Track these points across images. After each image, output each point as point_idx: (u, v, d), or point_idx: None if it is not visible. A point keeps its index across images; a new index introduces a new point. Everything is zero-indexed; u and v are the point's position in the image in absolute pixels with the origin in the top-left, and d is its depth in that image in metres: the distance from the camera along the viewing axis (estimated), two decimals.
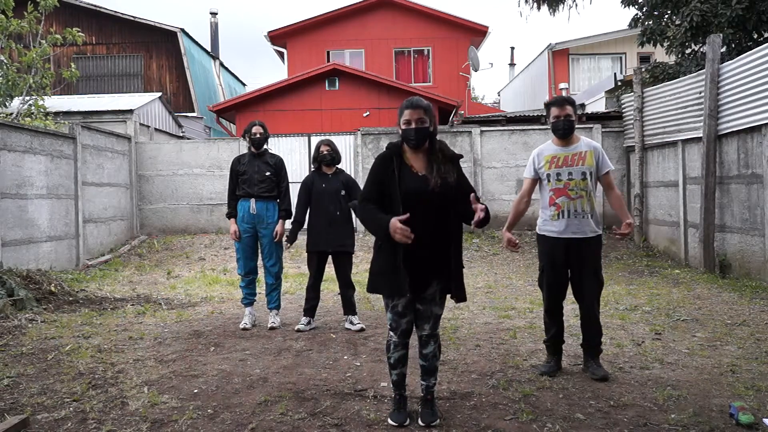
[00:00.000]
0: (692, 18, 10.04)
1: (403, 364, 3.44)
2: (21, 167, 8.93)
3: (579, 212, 4.11)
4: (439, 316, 3.42)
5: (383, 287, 3.32)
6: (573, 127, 4.16)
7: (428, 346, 3.41)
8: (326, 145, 5.80)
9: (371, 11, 19.04)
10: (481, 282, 8.56)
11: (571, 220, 4.11)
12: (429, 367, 3.43)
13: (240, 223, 5.78)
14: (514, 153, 12.41)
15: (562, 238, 4.13)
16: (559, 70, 19.60)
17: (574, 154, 4.15)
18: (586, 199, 4.12)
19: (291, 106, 14.76)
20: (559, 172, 4.15)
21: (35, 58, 11.56)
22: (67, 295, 7.36)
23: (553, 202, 4.16)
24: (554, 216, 4.15)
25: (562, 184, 4.14)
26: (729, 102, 8.31)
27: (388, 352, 3.43)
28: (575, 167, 4.13)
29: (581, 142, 4.21)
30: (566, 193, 4.12)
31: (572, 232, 4.12)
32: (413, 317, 3.38)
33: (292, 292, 7.88)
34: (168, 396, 3.90)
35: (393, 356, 3.41)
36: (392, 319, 3.37)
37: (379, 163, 3.33)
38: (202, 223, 13.01)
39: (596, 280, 4.21)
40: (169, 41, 18.55)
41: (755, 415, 3.35)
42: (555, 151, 4.21)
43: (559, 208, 4.14)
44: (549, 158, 4.20)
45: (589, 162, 4.14)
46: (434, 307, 3.37)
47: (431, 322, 3.38)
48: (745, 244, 8.06)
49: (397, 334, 3.37)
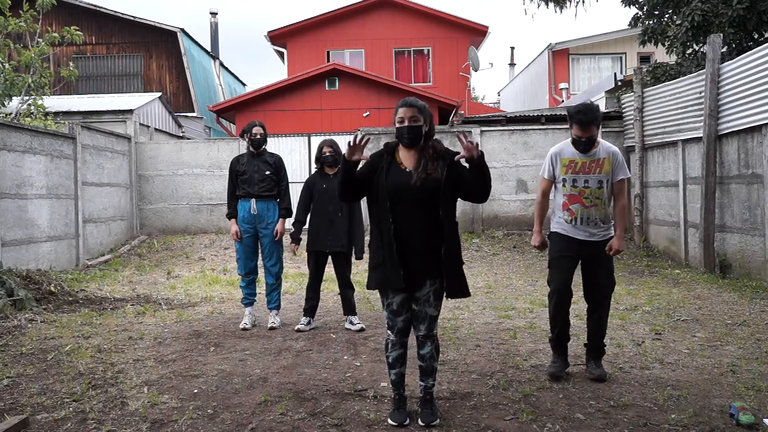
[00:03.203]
0: (693, 17, 10.04)
1: (402, 363, 3.46)
2: (21, 167, 8.93)
3: (592, 220, 4.07)
4: (435, 317, 3.40)
5: (374, 280, 3.38)
6: (594, 144, 4.08)
7: (425, 346, 3.41)
8: (329, 146, 5.79)
9: (371, 11, 19.04)
10: (481, 282, 8.56)
11: (584, 227, 4.08)
12: (426, 368, 3.42)
13: (240, 223, 5.77)
14: (514, 153, 12.41)
15: (576, 239, 4.10)
16: (559, 70, 19.60)
17: (592, 161, 4.07)
18: (600, 206, 4.08)
19: (291, 106, 14.76)
20: (575, 179, 4.09)
21: (33, 58, 11.56)
22: (67, 295, 7.36)
23: (567, 207, 4.11)
24: (568, 220, 4.12)
25: (577, 191, 4.08)
26: (729, 102, 8.31)
27: (386, 351, 3.47)
28: (592, 175, 4.07)
29: (600, 148, 4.11)
30: (581, 200, 4.07)
31: (586, 236, 4.09)
32: (410, 316, 3.40)
33: (292, 292, 7.88)
34: (168, 396, 3.90)
35: (391, 355, 3.45)
36: (388, 318, 3.42)
37: (371, 156, 3.40)
38: (202, 223, 13.01)
39: (609, 281, 4.15)
40: (169, 41, 18.55)
41: (755, 415, 3.35)
42: (574, 155, 4.12)
43: (572, 215, 4.09)
44: (567, 162, 4.12)
45: (606, 169, 4.07)
46: (428, 308, 3.36)
47: (426, 323, 3.38)
48: (745, 244, 8.06)
49: (393, 333, 3.41)
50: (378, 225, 3.34)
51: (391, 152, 3.41)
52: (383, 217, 3.29)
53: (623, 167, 4.13)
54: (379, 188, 3.31)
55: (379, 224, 3.33)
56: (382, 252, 3.29)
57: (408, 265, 3.27)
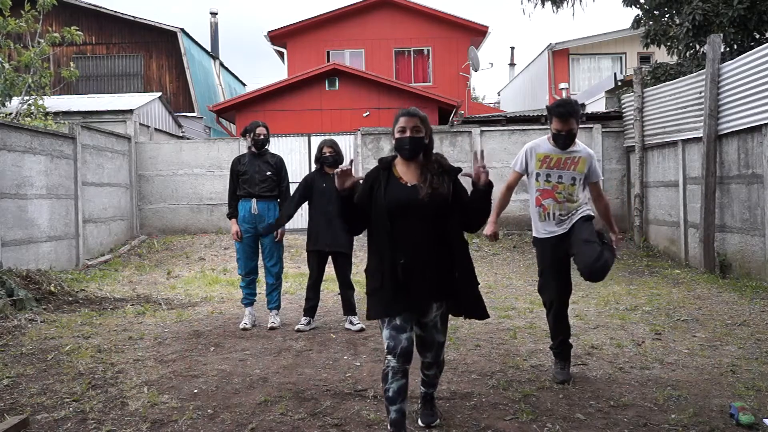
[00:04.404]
0: (694, 17, 10.04)
1: (404, 398, 2.94)
2: (21, 167, 8.93)
3: (564, 215, 4.06)
4: (442, 343, 3.16)
5: (374, 309, 3.00)
6: (574, 140, 4.06)
7: (431, 368, 3.25)
8: (329, 147, 5.78)
9: (371, 11, 19.04)
10: (481, 282, 8.49)
11: (556, 221, 4.07)
12: (430, 382, 3.35)
13: (241, 223, 5.78)
14: (514, 153, 12.33)
15: (555, 236, 4.08)
16: (559, 70, 19.60)
17: (568, 158, 4.05)
18: (572, 203, 4.06)
19: (291, 106, 14.76)
20: (549, 173, 4.06)
21: (34, 58, 11.56)
22: (67, 295, 7.36)
23: (540, 203, 4.10)
24: (541, 216, 4.11)
25: (550, 185, 4.06)
26: (729, 102, 8.31)
27: (384, 383, 2.92)
28: (566, 171, 4.05)
29: (578, 146, 4.11)
30: (553, 195, 4.06)
31: (562, 229, 4.07)
32: (413, 336, 3.00)
33: (292, 292, 7.88)
34: (168, 396, 3.90)
35: (391, 387, 2.90)
36: (390, 336, 2.92)
37: (366, 176, 3.10)
38: (202, 223, 13.01)
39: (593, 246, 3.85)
40: (169, 41, 18.55)
41: (755, 416, 3.35)
42: (549, 151, 4.09)
43: (545, 210, 4.08)
44: (542, 156, 4.08)
45: (581, 168, 4.05)
46: (436, 333, 3.09)
47: (434, 350, 3.14)
48: (745, 244, 8.06)
49: (396, 357, 2.90)
50: (377, 245, 3.03)
51: (387, 167, 3.10)
52: (383, 236, 2.98)
53: (597, 170, 4.15)
54: (377, 205, 3.01)
55: (378, 244, 3.02)
56: (381, 276, 2.95)
57: (412, 288, 2.94)
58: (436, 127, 12.87)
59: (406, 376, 2.94)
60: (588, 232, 3.97)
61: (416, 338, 3.09)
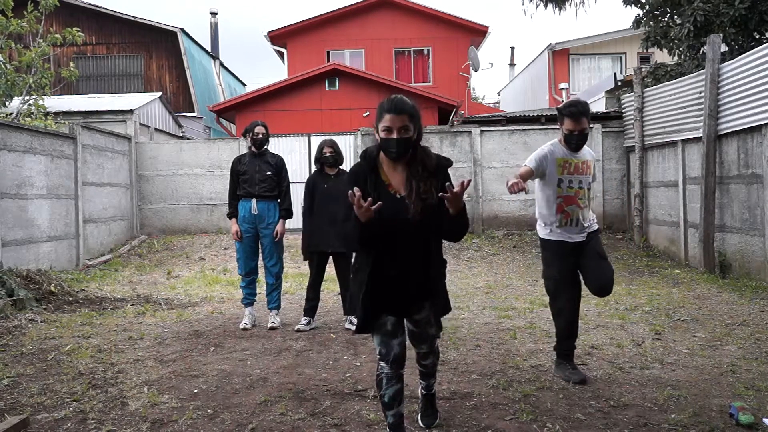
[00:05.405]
0: (695, 17, 10.03)
1: (400, 401, 2.94)
2: (21, 167, 8.93)
3: (583, 220, 4.06)
4: (435, 336, 3.11)
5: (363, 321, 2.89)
6: (586, 140, 4.05)
7: (428, 358, 3.23)
8: (329, 147, 5.78)
9: (371, 11, 19.05)
10: (481, 282, 8.56)
11: (579, 228, 4.05)
12: (428, 372, 3.32)
13: (241, 223, 5.78)
14: (514, 153, 12.40)
15: (570, 242, 4.05)
16: (559, 70, 19.60)
17: (582, 162, 4.07)
18: (589, 207, 4.11)
19: (291, 106, 14.76)
20: (571, 179, 4.04)
21: (34, 58, 11.56)
22: (67, 295, 7.36)
23: (562, 209, 4.03)
24: (563, 223, 4.04)
25: (573, 192, 4.04)
26: (729, 102, 8.31)
27: (380, 389, 2.91)
28: (584, 176, 4.07)
29: (585, 150, 4.13)
30: (576, 201, 4.03)
31: (582, 237, 4.06)
32: (404, 339, 2.96)
33: (292, 292, 7.88)
34: (168, 396, 3.90)
35: (387, 393, 2.89)
36: (381, 343, 2.89)
37: (353, 182, 2.86)
38: (202, 223, 13.01)
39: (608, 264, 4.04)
40: (169, 41, 18.55)
41: (755, 415, 3.35)
42: (566, 155, 4.05)
43: (568, 216, 4.03)
44: (561, 162, 4.03)
45: (591, 171, 4.15)
46: (429, 328, 3.05)
47: (428, 342, 3.10)
48: (745, 244, 8.06)
49: (388, 363, 2.87)
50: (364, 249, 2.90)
51: (373, 166, 2.90)
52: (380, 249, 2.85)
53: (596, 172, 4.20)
54: None
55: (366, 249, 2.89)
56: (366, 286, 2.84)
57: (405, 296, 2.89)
58: (436, 127, 12.88)
59: (401, 381, 2.94)
60: (600, 246, 4.08)
61: (409, 333, 3.04)
